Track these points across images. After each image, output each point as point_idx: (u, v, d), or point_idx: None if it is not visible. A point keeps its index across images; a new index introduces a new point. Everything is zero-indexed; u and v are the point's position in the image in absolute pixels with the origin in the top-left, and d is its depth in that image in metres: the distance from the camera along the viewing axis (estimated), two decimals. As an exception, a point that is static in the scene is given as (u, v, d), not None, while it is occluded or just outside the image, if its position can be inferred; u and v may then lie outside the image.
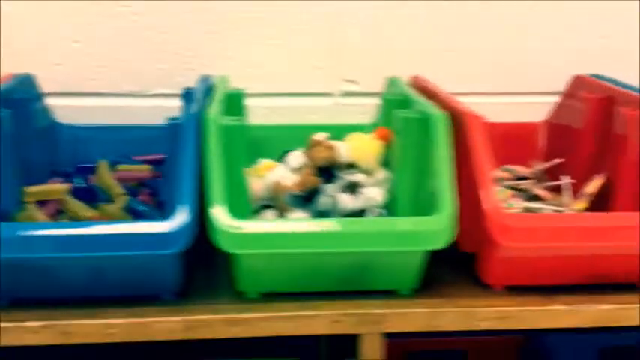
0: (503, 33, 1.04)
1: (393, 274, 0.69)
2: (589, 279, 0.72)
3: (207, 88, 0.83)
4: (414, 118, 0.71)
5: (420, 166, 0.71)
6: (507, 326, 0.69)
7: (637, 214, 0.69)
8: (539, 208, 0.85)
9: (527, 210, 0.85)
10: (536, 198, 0.89)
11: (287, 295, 0.69)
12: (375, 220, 0.67)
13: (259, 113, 1.00)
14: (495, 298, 0.71)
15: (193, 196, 0.63)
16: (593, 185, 0.81)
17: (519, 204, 0.86)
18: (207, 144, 0.64)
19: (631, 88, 0.86)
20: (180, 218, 0.62)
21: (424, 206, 0.69)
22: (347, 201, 0.73)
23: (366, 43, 1.02)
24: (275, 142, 0.89)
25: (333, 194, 0.72)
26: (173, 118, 0.69)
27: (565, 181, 0.88)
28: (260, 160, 0.84)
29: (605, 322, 0.70)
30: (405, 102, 0.80)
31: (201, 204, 0.65)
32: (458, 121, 0.73)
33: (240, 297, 0.70)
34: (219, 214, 0.62)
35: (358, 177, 0.80)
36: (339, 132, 0.87)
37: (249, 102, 1.03)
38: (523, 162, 0.98)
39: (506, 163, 0.99)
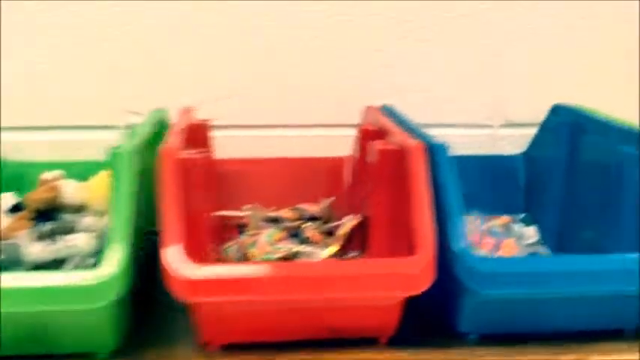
0: (310, 62, 0.97)
1: (80, 334, 0.59)
2: (325, 334, 0.63)
3: None
4: (115, 153, 0.62)
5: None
6: (214, 393, 0.60)
7: (353, 261, 0.61)
8: (310, 252, 0.77)
9: (294, 254, 0.76)
10: (308, 240, 0.80)
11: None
12: (19, 275, 0.57)
13: (40, 148, 0.92)
14: (205, 360, 0.61)
15: None
16: (346, 226, 0.73)
17: (287, 247, 0.78)
18: None
19: (404, 122, 0.78)
20: None
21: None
22: (35, 250, 0.63)
23: (146, 72, 0.93)
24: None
25: (13, 243, 0.62)
26: None
27: (343, 220, 0.80)
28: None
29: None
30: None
31: None
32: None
33: None
34: None
35: (87, 220, 0.71)
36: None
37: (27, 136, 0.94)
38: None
39: (314, 200, 0.92)
